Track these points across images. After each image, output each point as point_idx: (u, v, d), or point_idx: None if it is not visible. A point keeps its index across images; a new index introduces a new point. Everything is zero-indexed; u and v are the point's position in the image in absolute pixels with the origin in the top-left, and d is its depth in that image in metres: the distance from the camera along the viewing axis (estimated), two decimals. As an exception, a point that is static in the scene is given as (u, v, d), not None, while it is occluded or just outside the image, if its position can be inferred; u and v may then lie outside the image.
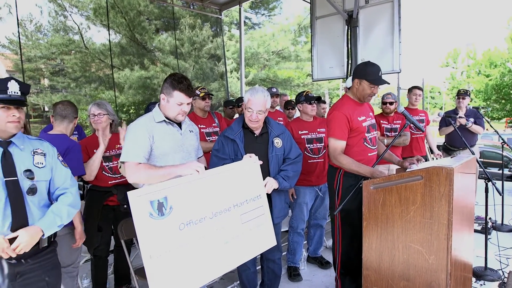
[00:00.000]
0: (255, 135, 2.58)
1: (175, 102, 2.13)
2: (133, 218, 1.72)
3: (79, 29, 14.72)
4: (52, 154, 1.91)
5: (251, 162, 2.32)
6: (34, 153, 1.82)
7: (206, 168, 2.17)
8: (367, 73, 2.56)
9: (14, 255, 1.66)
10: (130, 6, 14.14)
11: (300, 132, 3.40)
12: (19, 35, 9.66)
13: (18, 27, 7.49)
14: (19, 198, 1.71)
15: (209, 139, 3.59)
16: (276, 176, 2.51)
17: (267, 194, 2.41)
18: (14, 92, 1.73)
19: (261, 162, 2.36)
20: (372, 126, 2.75)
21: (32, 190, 1.74)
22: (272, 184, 2.43)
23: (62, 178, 1.92)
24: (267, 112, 2.55)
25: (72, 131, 2.70)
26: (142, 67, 14.61)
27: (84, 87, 15.11)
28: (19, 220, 1.71)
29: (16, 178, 1.71)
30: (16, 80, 1.75)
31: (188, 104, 2.17)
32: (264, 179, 2.39)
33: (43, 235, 1.75)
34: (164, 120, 2.18)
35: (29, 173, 1.75)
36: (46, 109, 16.38)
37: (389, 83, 2.67)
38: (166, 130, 2.19)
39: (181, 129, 2.26)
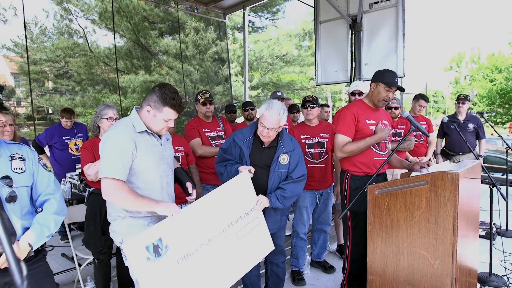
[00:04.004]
0: (264, 146, 2.55)
1: (163, 118, 1.95)
2: (131, 265, 1.70)
3: (84, 32, 14.85)
4: (32, 158, 1.77)
5: (242, 175, 2.29)
6: (12, 158, 1.69)
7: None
8: (384, 76, 2.63)
9: None
10: (135, 11, 14.26)
11: (301, 137, 3.40)
12: (26, 38, 9.74)
13: (25, 30, 7.56)
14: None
15: (213, 143, 3.60)
16: (270, 194, 2.45)
17: None
18: None
19: (251, 175, 2.32)
20: None
21: (12, 198, 1.62)
22: (263, 202, 2.37)
23: (45, 183, 1.79)
24: (280, 129, 2.49)
25: None
26: (146, 71, 14.69)
27: (88, 90, 15.21)
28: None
29: None
30: None
31: (174, 120, 2.02)
32: (257, 193, 2.35)
33: (32, 248, 1.64)
34: (146, 131, 1.98)
35: (8, 180, 1.62)
36: (50, 111, 16.49)
37: (404, 89, 2.76)
38: (148, 142, 1.98)
39: (160, 139, 2.07)
